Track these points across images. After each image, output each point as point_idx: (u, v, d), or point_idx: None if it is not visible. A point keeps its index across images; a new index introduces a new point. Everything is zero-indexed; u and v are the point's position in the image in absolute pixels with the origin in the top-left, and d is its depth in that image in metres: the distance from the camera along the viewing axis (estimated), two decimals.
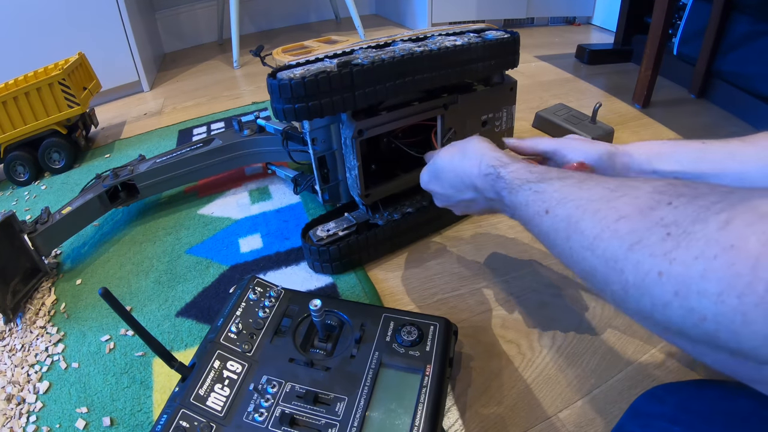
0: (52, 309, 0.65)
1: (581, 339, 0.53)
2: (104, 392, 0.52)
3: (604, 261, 0.25)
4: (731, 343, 0.19)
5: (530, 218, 0.35)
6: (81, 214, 0.74)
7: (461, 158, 0.46)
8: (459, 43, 0.61)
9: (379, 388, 0.43)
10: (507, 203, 0.39)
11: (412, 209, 0.68)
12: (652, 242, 0.22)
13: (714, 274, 0.19)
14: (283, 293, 0.53)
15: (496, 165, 0.41)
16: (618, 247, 0.24)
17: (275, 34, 2.01)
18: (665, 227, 0.22)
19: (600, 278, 0.26)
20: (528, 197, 0.35)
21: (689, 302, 0.20)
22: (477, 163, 0.43)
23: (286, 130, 0.76)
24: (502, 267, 0.65)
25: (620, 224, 0.25)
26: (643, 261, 0.23)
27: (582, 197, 0.29)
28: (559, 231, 0.30)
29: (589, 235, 0.27)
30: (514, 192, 0.37)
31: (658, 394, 0.35)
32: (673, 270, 0.21)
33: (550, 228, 0.32)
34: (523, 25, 1.95)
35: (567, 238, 0.29)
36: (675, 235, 0.21)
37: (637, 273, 0.23)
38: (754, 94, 1.01)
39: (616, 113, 1.09)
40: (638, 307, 0.23)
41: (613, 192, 0.28)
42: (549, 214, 0.32)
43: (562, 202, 0.31)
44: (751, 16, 1.02)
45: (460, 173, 0.45)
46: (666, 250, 0.22)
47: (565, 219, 0.30)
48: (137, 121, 1.27)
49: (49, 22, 1.25)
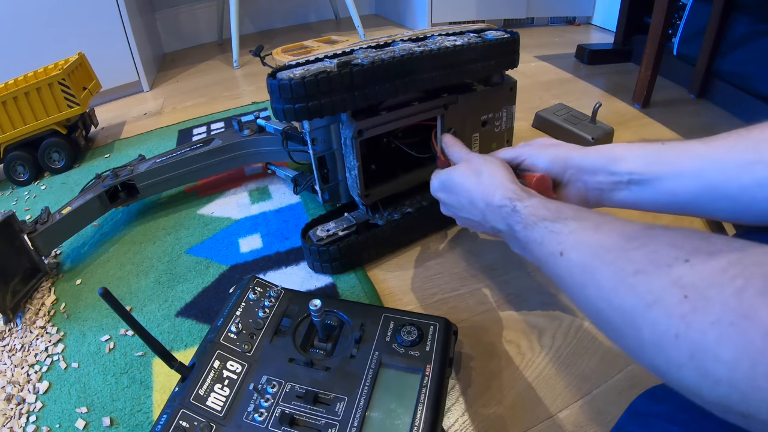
0: (51, 309, 0.65)
1: (581, 339, 0.54)
2: (104, 392, 0.52)
3: (620, 315, 0.26)
4: (742, 407, 0.20)
5: (543, 257, 0.34)
6: (81, 214, 0.74)
7: (476, 182, 0.45)
8: (459, 43, 0.61)
9: (379, 388, 0.43)
10: (520, 237, 0.38)
11: (412, 209, 0.68)
12: (670, 303, 0.23)
13: (729, 341, 0.20)
14: (283, 293, 0.53)
15: (512, 198, 0.40)
16: (635, 304, 0.24)
17: (275, 34, 2.01)
18: (682, 288, 0.22)
19: (616, 331, 0.26)
20: (543, 236, 0.35)
21: (704, 366, 0.21)
22: (492, 191, 0.42)
23: (286, 130, 0.76)
24: (502, 267, 0.65)
25: (638, 279, 0.25)
26: (660, 321, 0.23)
27: (598, 244, 0.29)
28: (574, 276, 0.30)
29: (605, 287, 0.27)
30: (529, 228, 0.37)
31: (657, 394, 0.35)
32: (690, 334, 0.21)
33: (564, 271, 0.31)
34: (523, 25, 1.95)
35: (582, 285, 0.29)
36: (692, 299, 0.22)
37: (653, 332, 0.23)
38: (754, 94, 1.01)
39: (616, 113, 1.09)
40: (653, 364, 0.24)
41: (630, 241, 0.28)
42: (563, 256, 0.31)
43: (577, 247, 0.31)
44: (751, 16, 1.02)
45: (473, 196, 0.45)
46: (683, 313, 0.22)
47: (579, 265, 0.30)
48: (137, 121, 1.27)
49: (49, 23, 1.25)
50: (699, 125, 1.02)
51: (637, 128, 1.02)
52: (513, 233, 0.39)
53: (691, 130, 0.99)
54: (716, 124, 1.03)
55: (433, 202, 0.70)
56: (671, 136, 0.98)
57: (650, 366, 0.24)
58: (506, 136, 0.76)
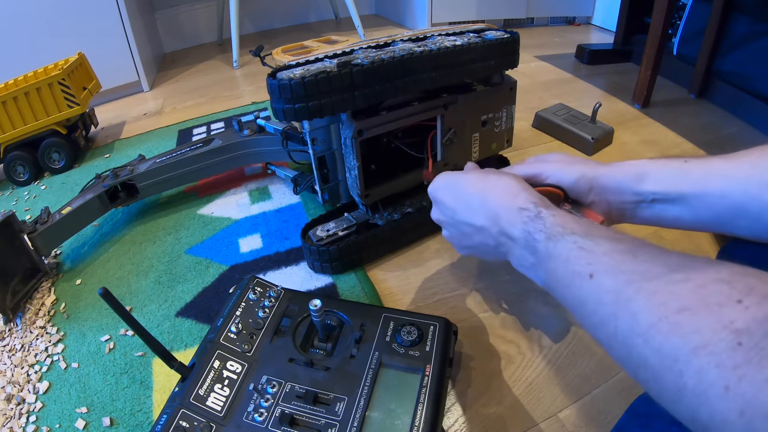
0: (51, 309, 0.65)
1: (581, 339, 0.54)
2: (104, 392, 0.52)
3: (659, 356, 0.23)
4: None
5: (566, 277, 0.31)
6: (81, 214, 0.74)
7: (495, 183, 0.41)
8: (459, 43, 0.61)
9: (379, 388, 0.43)
10: (540, 249, 0.34)
11: (412, 209, 0.68)
12: (721, 350, 0.20)
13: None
14: (283, 293, 0.53)
15: (537, 203, 0.37)
16: (679, 346, 0.22)
17: (275, 34, 2.01)
18: (736, 334, 0.20)
19: (650, 372, 0.24)
20: (570, 251, 0.31)
21: (754, 425, 0.19)
22: (515, 193, 0.39)
23: (285, 130, 0.76)
24: (503, 267, 0.65)
25: (683, 317, 0.22)
26: (708, 370, 0.20)
27: (636, 271, 0.27)
28: (604, 304, 0.27)
29: (643, 322, 0.24)
30: (554, 239, 0.33)
31: None
32: (742, 388, 0.19)
33: (591, 296, 0.28)
34: (523, 25, 1.95)
35: (614, 315, 0.26)
36: (747, 347, 0.20)
37: (699, 381, 0.21)
38: (754, 94, 1.01)
39: (616, 113, 1.09)
40: (692, 416, 0.22)
41: (673, 272, 0.25)
42: (593, 279, 0.28)
43: (612, 272, 0.28)
44: (751, 16, 1.02)
45: (487, 196, 0.41)
46: (736, 364, 0.20)
47: (613, 292, 0.27)
48: (137, 121, 1.27)
49: (49, 22, 1.25)
50: (699, 125, 1.02)
51: (637, 128, 1.02)
52: (531, 243, 0.35)
53: (691, 130, 0.99)
54: (716, 124, 1.03)
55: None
56: (671, 137, 0.98)
57: (690, 418, 0.22)
58: (506, 136, 0.76)
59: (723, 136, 0.98)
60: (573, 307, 0.31)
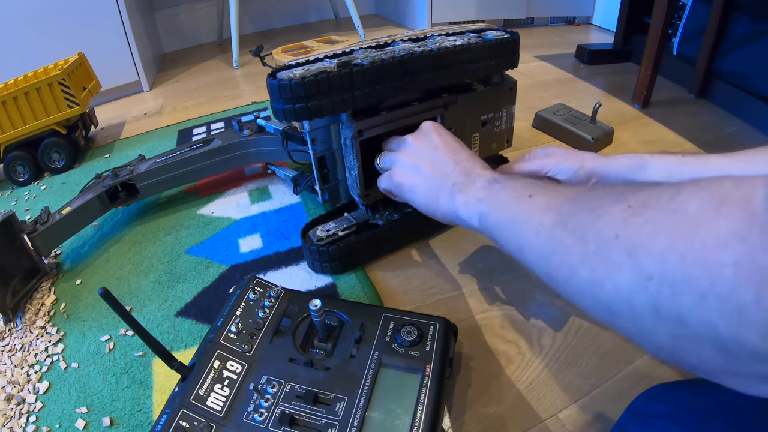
0: (51, 309, 0.65)
1: (581, 339, 0.54)
2: (104, 392, 0.52)
3: (572, 233, 0.28)
4: (672, 305, 0.20)
5: (507, 200, 0.37)
6: (81, 214, 0.74)
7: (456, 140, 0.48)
8: (459, 43, 0.61)
9: (378, 388, 0.43)
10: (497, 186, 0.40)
11: (412, 209, 0.68)
12: (615, 212, 0.25)
13: (660, 235, 0.21)
14: (283, 293, 0.53)
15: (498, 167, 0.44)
16: (586, 220, 0.27)
17: (275, 34, 2.01)
18: (627, 201, 0.25)
19: (563, 251, 0.28)
20: (519, 184, 0.37)
21: (638, 261, 0.22)
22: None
23: (285, 130, 0.76)
24: (502, 267, 0.65)
25: (592, 203, 0.28)
26: (604, 228, 0.25)
27: (567, 189, 0.33)
28: (535, 212, 0.33)
29: (564, 213, 0.30)
30: (513, 179, 0.39)
31: (657, 393, 0.35)
32: (627, 232, 0.23)
33: (526, 209, 0.34)
34: (523, 25, 1.95)
35: (541, 216, 0.32)
36: (634, 207, 0.24)
37: (598, 239, 0.25)
38: (754, 94, 1.01)
39: (615, 113, 1.09)
40: (593, 276, 0.25)
41: (596, 188, 0.32)
42: (532, 198, 0.34)
43: (549, 192, 0.33)
44: (751, 16, 1.02)
45: (464, 146, 0.46)
46: (624, 217, 0.24)
47: (544, 204, 0.32)
48: (137, 121, 1.27)
49: (49, 22, 1.25)
50: (699, 125, 1.02)
51: (637, 128, 1.02)
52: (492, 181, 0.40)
53: (691, 130, 0.99)
54: (716, 124, 1.03)
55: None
56: (671, 137, 0.98)
57: (590, 280, 0.25)
58: (506, 136, 0.76)
59: (723, 136, 0.98)
60: (506, 224, 0.36)
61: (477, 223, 0.40)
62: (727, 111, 1.07)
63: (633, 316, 0.23)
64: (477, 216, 0.39)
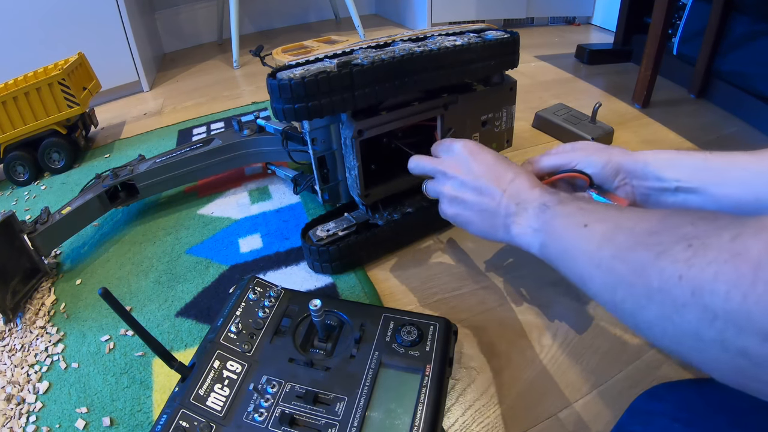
0: (51, 309, 0.65)
1: (581, 339, 0.54)
2: (104, 392, 0.52)
3: (632, 268, 0.28)
4: (738, 340, 0.21)
5: (563, 228, 0.37)
6: (81, 214, 0.74)
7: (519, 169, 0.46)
8: (459, 43, 0.61)
9: (378, 388, 0.43)
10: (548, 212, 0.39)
11: (412, 209, 0.68)
12: (676, 251, 0.25)
13: (723, 276, 0.22)
14: (283, 293, 0.53)
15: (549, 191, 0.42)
16: (646, 256, 0.27)
17: (275, 34, 2.01)
18: (687, 240, 0.25)
19: (626, 286, 0.28)
20: (574, 210, 0.37)
21: (703, 300, 0.23)
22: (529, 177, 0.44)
23: (285, 130, 0.76)
24: (502, 267, 0.65)
25: (651, 238, 0.28)
26: (667, 267, 0.25)
27: (622, 217, 0.32)
28: (592, 242, 0.33)
29: (622, 246, 0.30)
30: (563, 204, 0.39)
31: (658, 393, 0.35)
32: (691, 273, 0.24)
33: (582, 239, 0.34)
34: (523, 25, 1.95)
35: (599, 248, 0.32)
36: (695, 246, 0.24)
37: (661, 278, 0.25)
38: (754, 94, 1.01)
39: (615, 113, 1.09)
40: (660, 311, 0.26)
41: (647, 214, 0.31)
42: (587, 227, 0.34)
43: (603, 220, 0.33)
44: (751, 16, 1.02)
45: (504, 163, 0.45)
46: (687, 257, 0.24)
47: (600, 233, 0.32)
48: (137, 121, 1.27)
49: (49, 22, 1.25)
50: (699, 125, 1.02)
51: (637, 128, 1.02)
52: (543, 208, 0.40)
53: (691, 130, 0.99)
54: (716, 124, 1.03)
55: (433, 202, 0.70)
56: (671, 137, 0.98)
57: (657, 315, 0.26)
58: (506, 136, 0.76)
59: (723, 136, 0.98)
60: (565, 254, 0.36)
61: (538, 252, 0.40)
62: (727, 111, 1.07)
63: (700, 348, 0.24)
64: (537, 246, 0.40)
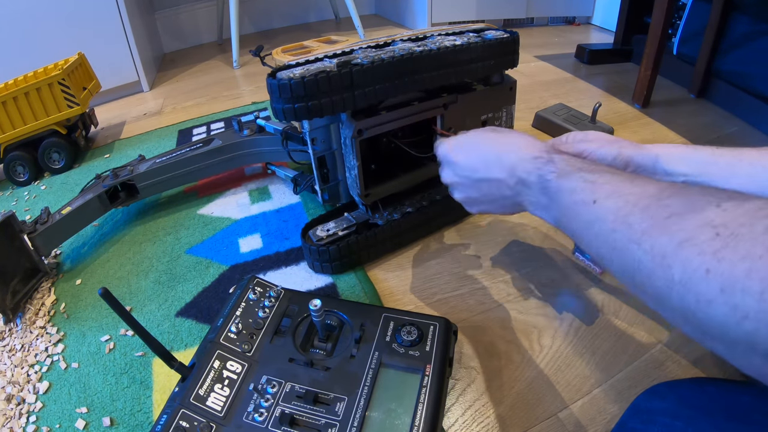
0: (51, 309, 0.65)
1: (581, 338, 0.53)
2: (104, 392, 0.52)
3: (651, 256, 0.25)
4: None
5: (573, 205, 0.34)
6: (81, 214, 0.74)
7: (506, 136, 0.44)
8: (458, 43, 0.61)
9: (379, 388, 0.43)
10: (551, 187, 0.37)
11: (412, 209, 0.68)
12: (702, 241, 0.23)
13: (758, 274, 0.20)
14: (283, 293, 0.53)
15: (549, 151, 0.40)
16: (667, 243, 0.25)
17: (275, 34, 2.01)
18: (714, 228, 0.23)
19: (644, 273, 0.26)
20: (577, 185, 0.34)
21: (734, 299, 0.21)
22: (527, 143, 0.42)
23: (285, 130, 0.76)
24: (503, 267, 0.65)
25: (670, 221, 0.25)
26: (692, 258, 0.23)
27: (633, 192, 0.30)
28: (606, 222, 0.30)
29: (638, 229, 0.27)
30: (564, 177, 0.36)
31: (659, 391, 0.35)
32: (721, 268, 0.21)
33: (593, 217, 0.31)
34: (523, 25, 1.95)
35: (613, 230, 0.29)
36: (723, 236, 0.22)
37: (684, 270, 0.23)
38: (754, 94, 1.01)
39: (615, 113, 1.09)
40: (681, 304, 0.24)
41: (664, 191, 0.28)
42: (596, 204, 0.32)
43: (612, 195, 0.31)
44: (751, 16, 1.02)
45: (502, 149, 0.43)
46: (715, 249, 0.22)
47: (613, 211, 0.30)
48: (137, 121, 1.27)
49: (49, 22, 1.25)
50: (699, 125, 1.02)
51: (637, 128, 1.02)
52: (544, 184, 0.38)
53: (691, 130, 0.99)
54: (716, 123, 1.03)
55: (433, 201, 0.69)
56: (671, 136, 0.98)
57: (678, 307, 0.24)
58: None
59: (723, 136, 0.98)
60: (580, 232, 0.34)
61: (556, 226, 0.38)
62: (727, 111, 1.07)
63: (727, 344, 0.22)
64: (553, 221, 0.38)
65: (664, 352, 0.51)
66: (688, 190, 0.27)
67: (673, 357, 0.50)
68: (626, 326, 0.54)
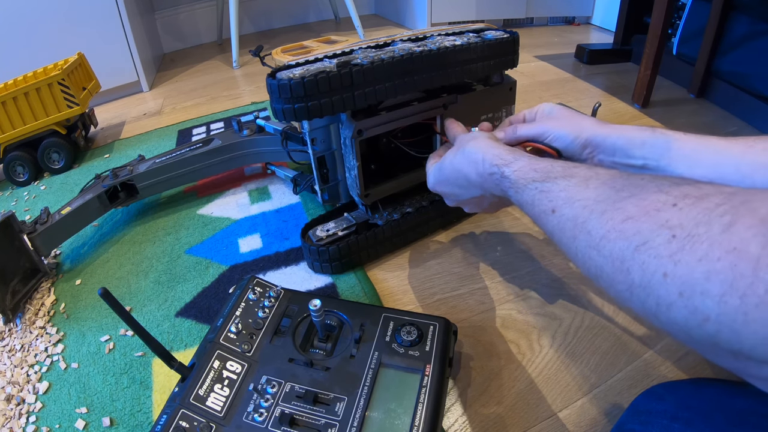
0: (51, 309, 0.65)
1: (581, 339, 0.54)
2: (104, 392, 0.52)
3: (610, 261, 0.26)
4: (732, 344, 0.20)
5: (537, 216, 0.35)
6: (80, 215, 0.74)
7: (462, 158, 0.45)
8: (458, 43, 0.61)
9: (378, 388, 0.43)
10: (514, 201, 0.39)
11: (412, 209, 0.68)
12: (658, 244, 0.23)
13: (717, 276, 0.20)
14: (283, 293, 0.53)
15: (499, 164, 0.40)
16: (624, 247, 0.25)
17: (275, 34, 2.01)
18: (670, 229, 0.22)
19: (606, 278, 0.26)
20: (534, 196, 0.35)
21: (693, 302, 0.21)
22: (480, 161, 0.42)
23: (285, 130, 0.76)
24: (502, 266, 0.65)
25: (626, 225, 0.25)
26: (649, 262, 0.23)
27: (588, 197, 0.30)
28: (566, 230, 0.31)
29: (596, 236, 0.27)
30: (520, 191, 0.37)
31: (658, 392, 0.35)
32: (678, 271, 0.21)
33: (556, 227, 0.32)
34: (523, 25, 1.95)
35: (573, 237, 0.29)
36: (680, 238, 0.22)
37: (643, 274, 0.23)
38: (754, 94, 1.01)
39: (615, 113, 1.09)
40: (643, 307, 0.24)
41: (619, 192, 0.28)
42: (555, 213, 0.32)
43: (569, 202, 0.31)
44: (751, 16, 1.02)
45: (467, 173, 0.44)
46: (671, 252, 0.22)
47: (571, 219, 0.30)
48: (137, 122, 1.27)
49: (49, 22, 1.25)
50: (699, 125, 1.02)
51: None
52: (510, 196, 0.39)
53: (691, 130, 0.98)
54: (716, 123, 1.03)
55: (433, 201, 0.70)
56: None
57: (641, 309, 0.24)
58: None
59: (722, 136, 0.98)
60: (552, 238, 0.34)
61: None
62: (726, 111, 1.07)
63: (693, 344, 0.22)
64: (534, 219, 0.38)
65: (663, 353, 0.51)
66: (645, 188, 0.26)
67: (672, 357, 0.50)
68: (626, 326, 0.54)
